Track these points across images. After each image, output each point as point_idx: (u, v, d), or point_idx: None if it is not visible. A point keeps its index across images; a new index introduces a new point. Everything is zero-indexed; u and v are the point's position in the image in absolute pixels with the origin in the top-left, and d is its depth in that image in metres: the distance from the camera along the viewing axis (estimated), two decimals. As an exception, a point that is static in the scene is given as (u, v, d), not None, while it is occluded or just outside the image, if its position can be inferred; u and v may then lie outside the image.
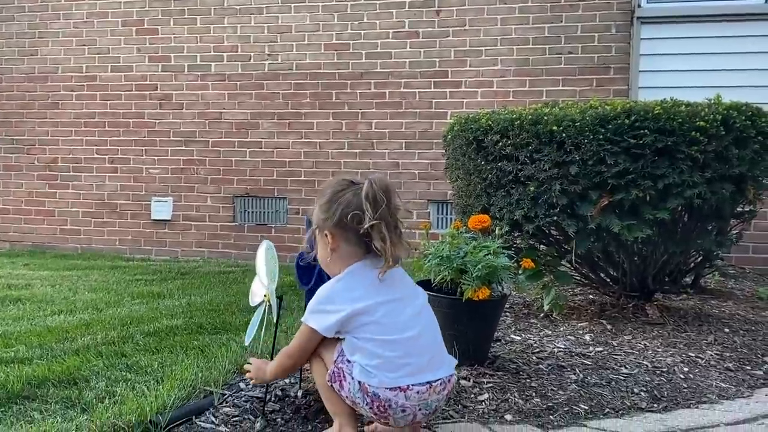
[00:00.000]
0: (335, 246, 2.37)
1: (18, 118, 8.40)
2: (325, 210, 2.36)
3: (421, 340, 2.32)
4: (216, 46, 7.77)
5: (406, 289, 2.41)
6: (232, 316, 4.32)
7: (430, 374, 2.29)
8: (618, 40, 6.70)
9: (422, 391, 2.27)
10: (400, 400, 2.25)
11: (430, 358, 2.32)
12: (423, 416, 2.32)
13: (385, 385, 2.25)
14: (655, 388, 3.10)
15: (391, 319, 2.29)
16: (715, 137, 3.73)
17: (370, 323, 2.28)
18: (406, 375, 2.26)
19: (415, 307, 2.37)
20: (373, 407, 2.28)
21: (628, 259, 4.23)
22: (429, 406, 2.31)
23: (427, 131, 7.10)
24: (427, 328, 2.37)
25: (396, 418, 2.29)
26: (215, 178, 7.83)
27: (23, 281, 5.83)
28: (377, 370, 2.26)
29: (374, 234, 2.27)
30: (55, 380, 3.03)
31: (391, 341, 2.27)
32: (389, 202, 2.29)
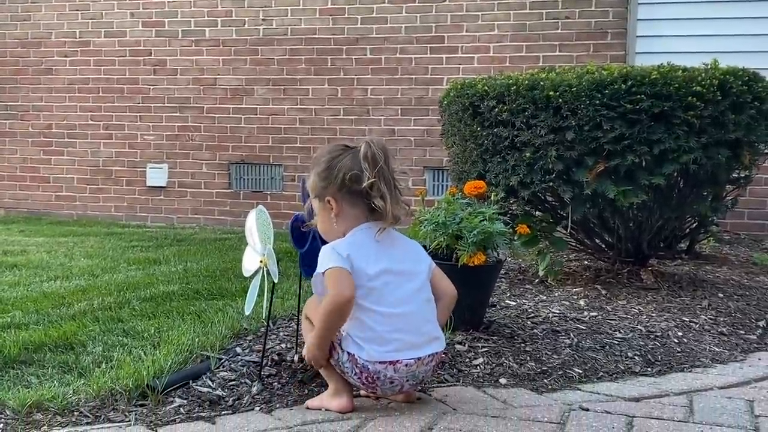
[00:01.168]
0: (338, 211, 2.39)
1: (11, 84, 8.34)
2: (324, 177, 2.37)
3: (415, 317, 2.35)
4: (210, 11, 7.71)
5: (410, 262, 2.42)
6: (228, 282, 4.32)
7: (420, 351, 2.33)
8: (615, 5, 6.66)
9: (411, 365, 2.31)
10: (388, 372, 2.30)
11: (422, 335, 2.35)
12: (410, 386, 2.38)
13: (374, 359, 2.28)
14: (648, 353, 3.12)
15: (390, 290, 2.32)
16: (711, 102, 3.72)
17: (369, 288, 2.30)
18: (396, 350, 2.30)
19: (416, 282, 2.39)
20: (362, 378, 2.32)
21: (623, 225, 4.24)
22: (416, 377, 2.36)
23: (423, 97, 7.07)
24: (424, 304, 2.39)
25: (383, 389, 2.35)
26: (210, 144, 7.80)
27: (19, 247, 5.83)
28: (367, 343, 2.29)
29: (374, 192, 2.29)
30: (51, 345, 3.04)
31: (386, 314, 2.29)
32: (387, 161, 2.31)
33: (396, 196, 2.34)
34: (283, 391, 2.62)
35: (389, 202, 2.30)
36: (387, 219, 2.32)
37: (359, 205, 2.36)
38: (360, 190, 2.31)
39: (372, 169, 2.28)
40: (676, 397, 2.61)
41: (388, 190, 2.30)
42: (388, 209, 2.30)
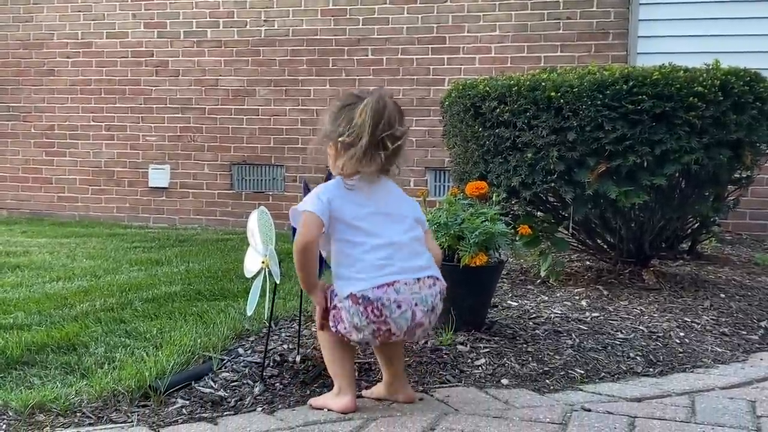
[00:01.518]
0: (337, 156, 2.45)
1: (14, 85, 8.35)
2: (331, 122, 2.45)
3: (406, 249, 2.38)
4: (212, 12, 7.71)
5: (400, 209, 2.47)
6: (230, 282, 4.33)
7: (417, 273, 2.36)
8: (616, 5, 6.65)
9: (410, 283, 2.33)
10: (391, 295, 2.30)
11: (415, 263, 2.38)
12: (422, 314, 2.35)
13: (371, 285, 2.30)
14: (650, 353, 3.12)
15: (377, 226, 2.38)
16: (713, 103, 3.72)
17: (355, 226, 2.36)
18: (390, 273, 2.32)
19: (405, 224, 2.44)
20: (370, 316, 2.30)
21: (625, 226, 4.24)
22: (425, 300, 2.35)
23: (425, 98, 7.07)
24: (414, 241, 2.42)
25: (395, 319, 2.31)
26: (212, 145, 7.80)
27: (21, 248, 5.84)
28: (361, 273, 2.32)
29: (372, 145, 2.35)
30: (54, 346, 3.04)
31: (376, 246, 2.34)
32: (389, 116, 2.36)
33: (396, 147, 2.39)
34: (285, 392, 2.62)
35: (390, 151, 2.37)
36: (385, 165, 2.40)
37: (361, 157, 2.40)
38: (358, 144, 2.37)
39: (374, 124, 2.34)
40: (678, 397, 2.61)
41: (389, 142, 2.36)
42: (389, 158, 2.38)
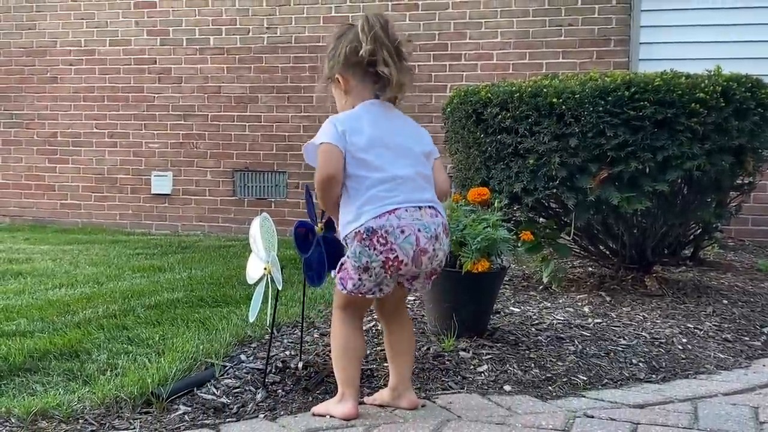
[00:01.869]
0: (347, 87, 2.49)
1: (17, 92, 8.37)
2: (331, 57, 2.48)
3: (410, 183, 2.39)
4: (214, 19, 7.73)
5: (409, 141, 2.47)
6: (232, 289, 4.33)
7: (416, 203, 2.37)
8: (618, 12, 6.66)
9: (411, 210, 2.34)
10: (393, 222, 2.31)
11: (418, 194, 2.39)
12: (426, 240, 2.35)
13: (372, 216, 2.31)
14: (653, 359, 3.12)
15: (382, 161, 2.37)
16: (714, 109, 3.72)
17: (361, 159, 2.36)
18: (391, 203, 2.33)
19: (411, 159, 2.43)
20: (377, 247, 2.31)
21: (627, 232, 4.24)
22: (427, 227, 2.36)
23: (427, 104, 7.08)
24: (419, 177, 2.42)
25: (401, 245, 2.31)
26: (215, 152, 7.82)
27: (24, 255, 5.84)
28: (363, 207, 2.33)
29: (378, 59, 2.36)
30: (56, 353, 3.05)
31: (380, 179, 2.35)
32: (386, 29, 2.39)
33: (399, 63, 2.39)
34: (288, 399, 2.62)
35: (393, 67, 2.37)
36: (392, 85, 2.39)
37: (365, 77, 2.44)
38: (362, 60, 2.39)
39: (369, 37, 2.35)
40: (681, 403, 2.61)
41: (389, 57, 2.36)
42: (393, 73, 2.37)
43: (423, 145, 2.51)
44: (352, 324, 2.50)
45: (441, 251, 2.41)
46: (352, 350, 2.48)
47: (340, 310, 2.50)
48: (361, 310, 2.57)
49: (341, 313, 2.50)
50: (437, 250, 2.39)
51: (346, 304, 2.48)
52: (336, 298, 2.51)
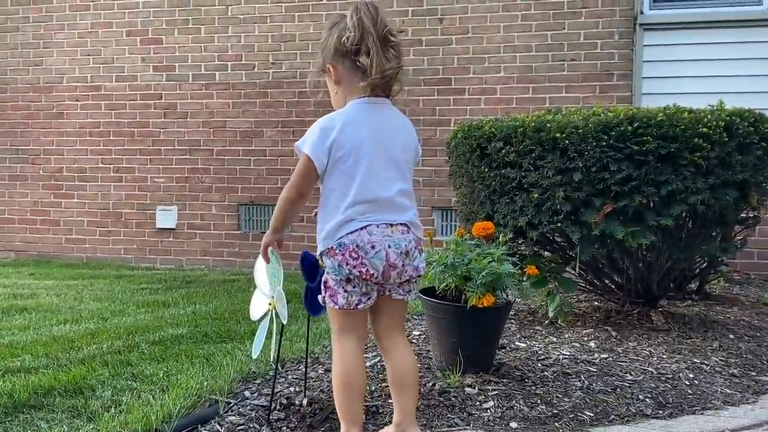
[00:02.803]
0: (338, 77, 2.50)
1: (23, 128, 8.43)
2: (323, 48, 2.51)
3: (389, 205, 2.41)
4: (220, 55, 7.80)
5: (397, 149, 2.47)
6: (237, 324, 4.32)
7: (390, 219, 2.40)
8: (621, 47, 6.71)
9: (382, 226, 2.38)
10: (364, 237, 2.35)
11: (394, 216, 2.42)
12: (396, 256, 2.38)
13: (345, 232, 2.36)
14: (660, 395, 3.10)
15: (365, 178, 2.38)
16: (718, 143, 3.73)
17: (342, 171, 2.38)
18: (364, 222, 2.37)
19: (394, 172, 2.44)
20: (348, 260, 2.35)
21: (632, 266, 4.23)
22: (398, 244, 2.39)
23: (431, 138, 7.11)
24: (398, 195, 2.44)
25: (371, 260, 2.35)
26: (220, 186, 7.84)
27: (29, 291, 5.85)
28: (340, 224, 2.37)
29: (361, 48, 2.37)
30: (61, 389, 3.04)
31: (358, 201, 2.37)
32: (374, 17, 2.39)
33: (384, 51, 2.38)
34: (292, 436, 2.60)
35: (375, 56, 2.36)
36: (373, 75, 2.37)
37: (352, 66, 2.44)
38: (349, 49, 2.40)
39: (358, 26, 2.36)
40: (689, 440, 2.59)
41: (373, 44, 2.35)
42: (374, 64, 2.36)
43: (412, 151, 2.55)
44: (353, 351, 2.47)
45: (410, 266, 2.44)
46: (355, 388, 2.45)
47: (338, 334, 2.49)
48: (360, 332, 2.51)
49: (340, 337, 2.48)
50: (406, 266, 2.43)
51: (343, 324, 2.47)
52: (332, 321, 2.51)
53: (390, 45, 2.40)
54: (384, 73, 2.38)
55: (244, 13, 7.70)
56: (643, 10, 6.64)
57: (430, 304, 3.32)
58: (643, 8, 6.65)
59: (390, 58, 2.39)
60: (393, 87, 2.50)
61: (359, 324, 2.50)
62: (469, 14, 7.08)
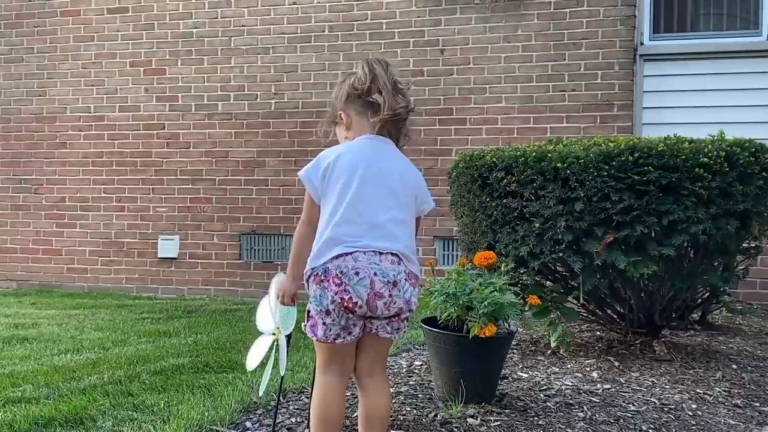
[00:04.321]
0: (348, 123, 2.57)
1: (26, 158, 8.47)
2: (335, 97, 2.61)
3: (379, 230, 2.39)
4: (223, 85, 7.85)
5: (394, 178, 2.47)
6: (238, 354, 4.31)
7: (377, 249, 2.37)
8: (621, 78, 6.75)
9: (370, 254, 2.35)
10: (349, 263, 2.33)
11: (383, 242, 2.38)
12: (382, 284, 2.33)
13: (330, 256, 2.34)
14: (663, 426, 3.08)
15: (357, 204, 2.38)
16: (719, 173, 3.74)
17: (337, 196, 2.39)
18: (350, 246, 2.35)
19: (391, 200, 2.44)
20: (331, 286, 2.33)
21: (634, 295, 4.23)
22: (385, 273, 2.34)
23: (433, 168, 7.13)
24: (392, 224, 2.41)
25: (354, 286, 2.32)
26: (222, 215, 7.86)
27: (30, 320, 5.84)
28: (326, 246, 2.36)
29: (374, 88, 2.48)
30: (61, 420, 3.03)
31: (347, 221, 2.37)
32: (385, 67, 2.50)
33: (394, 92, 2.47)
34: (294, 467, 2.59)
35: (387, 95, 2.45)
36: (385, 111, 2.45)
37: (363, 108, 2.52)
38: (360, 92, 2.50)
39: (369, 73, 2.48)
40: (692, 471, 2.57)
41: (384, 86, 2.46)
42: (386, 101, 2.45)
43: (414, 189, 2.53)
44: (334, 388, 2.45)
45: (400, 299, 2.38)
46: (331, 423, 2.42)
47: (321, 368, 2.46)
48: (344, 367, 2.47)
49: (323, 372, 2.46)
50: (395, 297, 2.37)
51: (326, 357, 2.44)
52: (317, 353, 2.49)
53: (399, 90, 2.48)
54: (395, 110, 2.45)
55: (246, 44, 7.77)
56: (643, 41, 6.69)
57: (432, 334, 3.31)
58: (643, 39, 6.70)
59: (399, 100, 2.47)
60: (401, 134, 2.56)
61: (344, 359, 2.46)
62: (470, 45, 7.13)
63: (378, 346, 2.48)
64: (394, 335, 2.45)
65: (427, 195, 2.58)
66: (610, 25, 6.78)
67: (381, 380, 2.52)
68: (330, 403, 2.42)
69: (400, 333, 2.47)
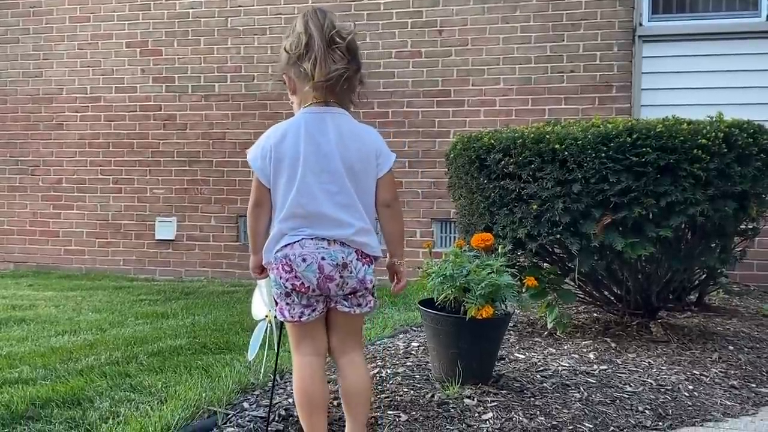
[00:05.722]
0: (292, 87, 2.47)
1: (23, 139, 8.44)
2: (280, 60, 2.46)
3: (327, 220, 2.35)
4: (219, 66, 7.81)
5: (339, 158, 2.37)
6: (235, 335, 4.32)
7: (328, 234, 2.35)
8: (620, 59, 6.73)
9: (317, 240, 2.33)
10: (296, 251, 2.33)
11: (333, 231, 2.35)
12: (331, 267, 2.33)
13: (280, 245, 2.35)
14: (659, 406, 3.09)
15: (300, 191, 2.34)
16: (717, 155, 3.74)
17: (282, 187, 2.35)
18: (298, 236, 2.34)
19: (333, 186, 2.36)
20: (282, 273, 2.34)
21: (631, 277, 4.23)
22: (334, 256, 2.33)
23: (430, 150, 7.12)
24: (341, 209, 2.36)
25: (303, 273, 2.32)
26: (219, 197, 7.84)
27: (27, 302, 5.84)
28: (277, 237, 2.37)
29: (306, 53, 2.31)
30: (59, 401, 3.03)
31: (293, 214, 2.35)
32: (320, 19, 2.33)
33: (328, 53, 2.31)
34: (291, 447, 2.60)
35: (318, 61, 2.29)
36: (316, 78, 2.30)
37: (302, 75, 2.36)
38: (296, 55, 2.34)
39: (304, 33, 2.32)
40: (688, 452, 2.58)
41: (319, 49, 2.29)
42: (315, 68, 2.29)
43: (362, 162, 2.41)
44: (310, 366, 2.44)
45: (353, 279, 2.36)
46: (313, 404, 2.42)
47: (295, 350, 2.47)
48: (316, 346, 2.46)
49: (297, 353, 2.46)
50: (346, 278, 2.35)
51: (297, 338, 2.45)
52: (289, 339, 2.50)
53: (336, 47, 2.31)
54: (328, 75, 2.30)
55: (243, 24, 7.73)
56: (642, 21, 6.66)
57: (429, 316, 3.31)
58: (642, 20, 6.66)
59: (336, 60, 2.31)
60: (352, 93, 2.44)
61: (314, 337, 2.45)
62: (469, 26, 7.10)
63: (345, 324, 2.46)
64: (354, 309, 2.42)
65: (382, 156, 2.45)
66: (609, 6, 6.74)
67: (355, 358, 2.49)
68: (308, 384, 2.41)
69: (363, 308, 2.44)
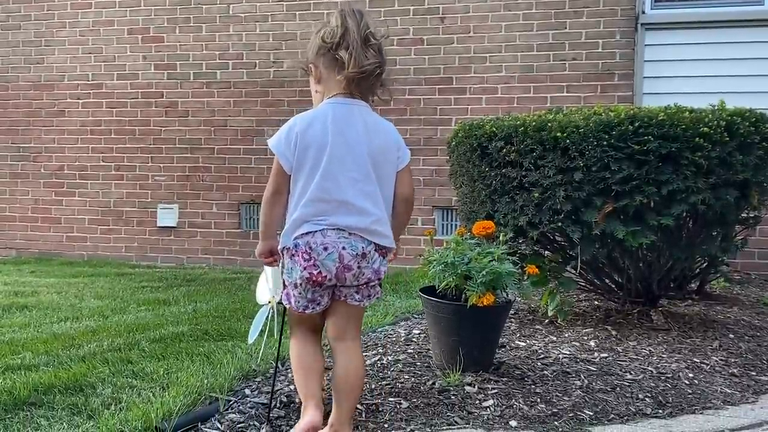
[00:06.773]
0: (318, 76, 2.53)
1: (24, 126, 8.43)
2: (308, 48, 2.53)
3: (348, 207, 2.41)
4: (221, 53, 7.80)
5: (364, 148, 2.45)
6: (237, 322, 4.33)
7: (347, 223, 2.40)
8: (622, 47, 6.71)
9: (339, 230, 2.39)
10: (317, 239, 2.38)
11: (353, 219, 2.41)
12: (351, 257, 2.39)
13: (301, 232, 2.39)
14: (660, 394, 3.10)
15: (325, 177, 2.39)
16: (719, 143, 3.73)
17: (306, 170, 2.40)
18: (319, 225, 2.39)
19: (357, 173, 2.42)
20: (301, 261, 2.39)
21: (632, 265, 4.23)
22: (354, 246, 2.40)
23: (432, 138, 7.11)
24: (362, 196, 2.43)
25: (323, 261, 2.38)
26: (221, 185, 7.84)
27: (30, 288, 5.85)
28: (296, 223, 2.41)
29: (342, 43, 2.40)
30: (61, 387, 3.04)
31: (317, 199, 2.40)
32: (357, 17, 2.43)
33: (363, 48, 2.41)
34: (292, 434, 2.61)
35: (354, 52, 2.39)
36: (350, 69, 2.39)
37: (332, 63, 2.46)
38: (331, 47, 2.43)
39: (341, 25, 2.41)
40: (688, 439, 2.59)
41: (354, 42, 2.39)
42: (352, 58, 2.39)
43: (384, 154, 2.50)
44: (306, 343, 2.60)
45: (369, 269, 2.44)
46: (307, 367, 2.56)
47: (294, 327, 2.63)
48: (311, 329, 2.64)
49: (295, 333, 2.62)
50: (363, 269, 2.43)
51: (296, 323, 2.61)
52: (289, 318, 2.64)
53: (370, 45, 2.42)
54: (362, 68, 2.40)
55: (245, 11, 7.71)
56: (644, 9, 6.64)
57: (430, 303, 3.32)
58: (644, 8, 6.64)
59: (369, 56, 2.41)
60: (375, 90, 2.53)
61: (314, 319, 2.60)
62: (471, 13, 7.08)
63: (348, 313, 2.55)
64: (364, 302, 2.53)
65: (402, 149, 2.56)
66: (612, -6, 6.73)
67: (351, 344, 2.57)
68: (304, 351, 2.58)
69: (370, 299, 2.55)
